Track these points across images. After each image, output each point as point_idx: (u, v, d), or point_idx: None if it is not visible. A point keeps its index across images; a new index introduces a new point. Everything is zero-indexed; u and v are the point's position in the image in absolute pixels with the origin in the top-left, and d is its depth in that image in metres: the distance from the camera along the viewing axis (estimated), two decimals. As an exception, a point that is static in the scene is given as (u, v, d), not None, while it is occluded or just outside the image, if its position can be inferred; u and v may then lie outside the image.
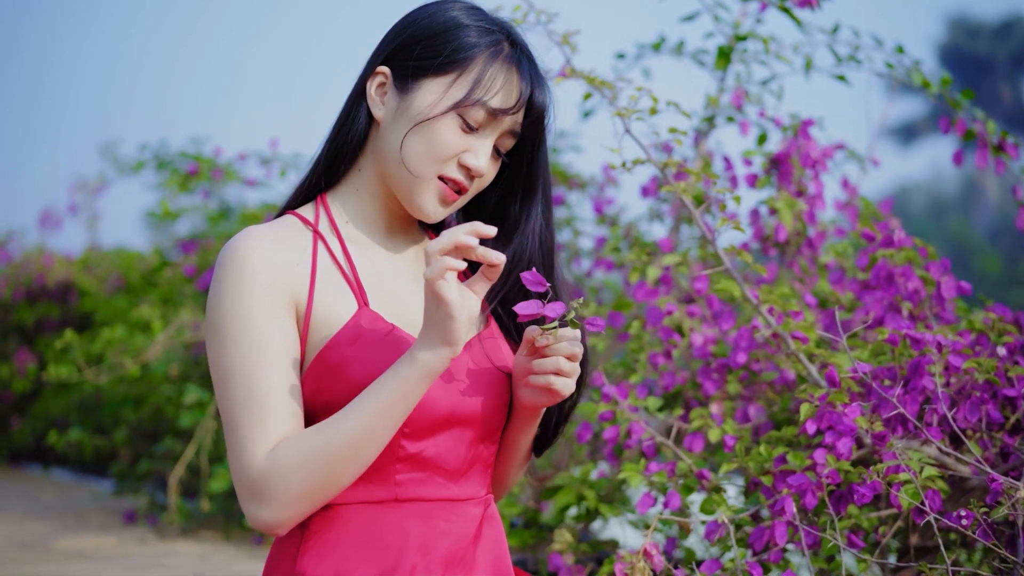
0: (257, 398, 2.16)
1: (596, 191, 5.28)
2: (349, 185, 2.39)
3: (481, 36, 2.31)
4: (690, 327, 3.50)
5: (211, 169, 6.86)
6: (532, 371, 2.25)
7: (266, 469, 2.13)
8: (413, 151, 2.29)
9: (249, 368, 2.17)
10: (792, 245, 3.71)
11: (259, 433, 2.15)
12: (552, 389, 2.24)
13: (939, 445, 2.80)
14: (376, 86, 2.35)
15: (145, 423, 7.13)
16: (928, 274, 3.23)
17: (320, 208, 2.37)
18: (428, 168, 2.29)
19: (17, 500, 7.30)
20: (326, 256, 2.30)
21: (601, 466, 3.80)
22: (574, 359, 2.24)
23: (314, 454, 2.13)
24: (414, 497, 2.25)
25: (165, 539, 5.81)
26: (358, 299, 2.26)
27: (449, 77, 2.29)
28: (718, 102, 4.20)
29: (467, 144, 2.30)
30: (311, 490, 2.15)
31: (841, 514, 2.83)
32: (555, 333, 2.21)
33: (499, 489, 2.51)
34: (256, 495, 2.15)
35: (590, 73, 3.21)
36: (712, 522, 2.88)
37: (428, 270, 2.07)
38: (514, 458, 2.46)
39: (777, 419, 3.38)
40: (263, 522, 2.16)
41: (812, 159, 3.70)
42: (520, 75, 2.32)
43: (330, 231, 2.34)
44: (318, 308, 2.23)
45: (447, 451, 2.27)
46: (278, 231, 2.28)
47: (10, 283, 9.12)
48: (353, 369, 2.20)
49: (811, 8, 3.74)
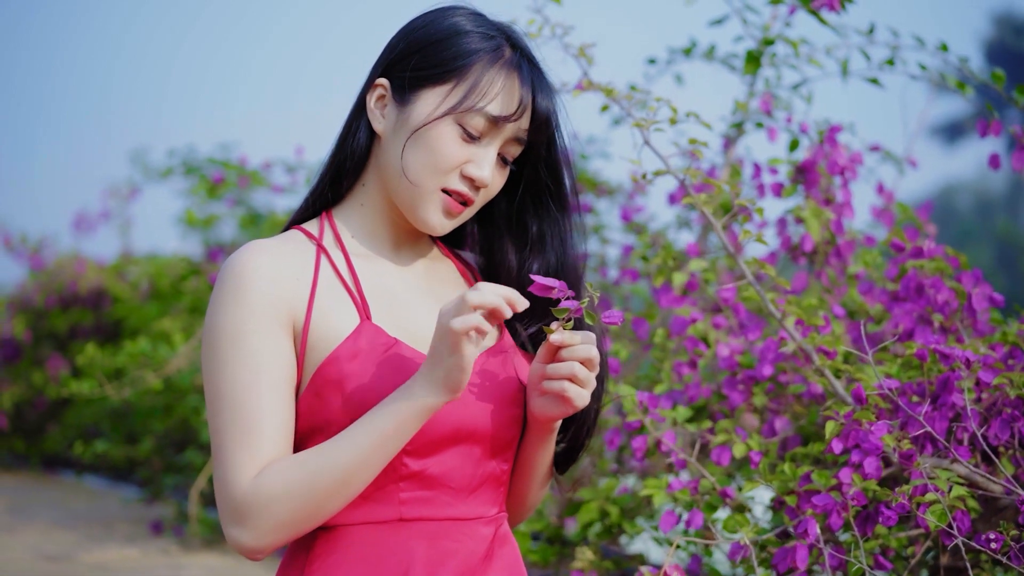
0: (246, 419, 2.11)
1: (624, 199, 5.21)
2: (354, 200, 2.34)
3: (481, 42, 2.25)
4: (715, 338, 3.42)
5: (238, 176, 6.83)
6: (546, 376, 2.17)
7: (250, 494, 2.08)
8: (413, 163, 2.23)
9: (240, 388, 2.12)
10: (820, 255, 3.63)
11: (246, 456, 2.10)
12: (566, 397, 2.16)
13: (966, 464, 2.71)
14: (376, 99, 2.29)
15: (172, 432, 7.12)
16: (959, 285, 3.14)
17: (325, 223, 2.32)
18: (430, 180, 2.23)
19: (47, 508, 7.32)
20: (329, 269, 2.25)
21: (625, 481, 3.73)
22: (590, 365, 2.16)
23: (300, 486, 2.08)
24: (419, 517, 2.19)
25: (188, 551, 5.80)
26: (360, 312, 2.21)
27: (447, 86, 2.23)
28: (747, 107, 4.13)
29: (469, 154, 2.24)
30: (295, 519, 2.10)
31: (868, 535, 2.76)
32: (568, 327, 2.14)
33: (520, 509, 2.44)
34: (238, 519, 2.10)
35: (607, 85, 3.14)
36: (735, 543, 2.81)
37: (457, 320, 2.02)
38: (532, 476, 2.38)
39: (805, 432, 3.30)
40: (243, 546, 2.11)
41: (840, 166, 3.61)
42: (520, 80, 2.25)
43: (334, 245, 2.29)
44: (317, 322, 2.18)
45: (453, 469, 2.20)
46: (280, 245, 2.23)
47: (43, 290, 9.16)
48: (352, 386, 2.14)
49: (835, 12, 3.64)
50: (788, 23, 4.04)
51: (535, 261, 2.38)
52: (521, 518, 2.47)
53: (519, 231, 2.41)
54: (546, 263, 2.38)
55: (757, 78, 4.18)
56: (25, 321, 9.27)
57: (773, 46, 4.06)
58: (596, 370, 2.18)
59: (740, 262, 2.98)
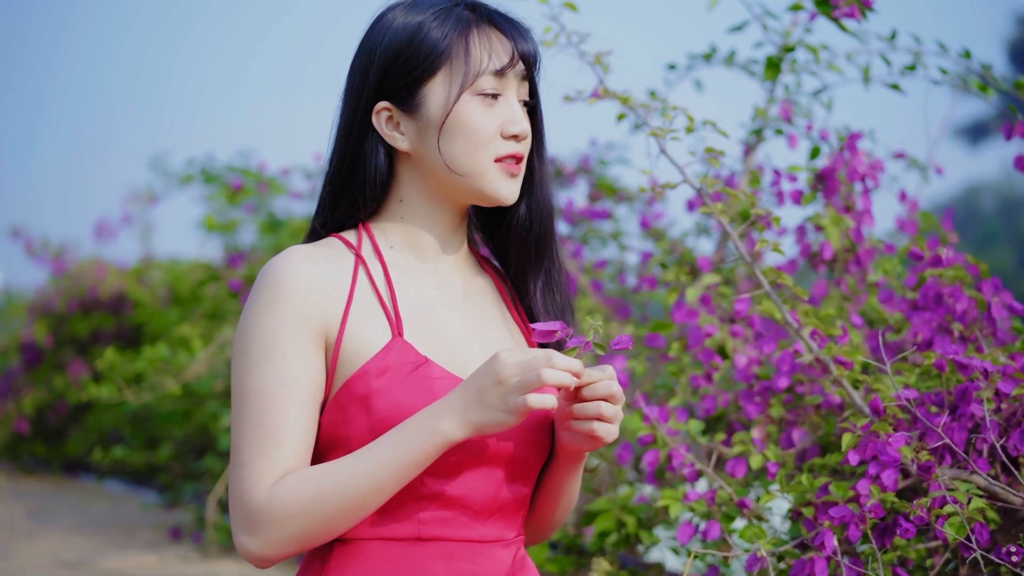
0: (269, 427, 2.10)
1: (643, 204, 5.19)
2: (392, 214, 2.30)
3: (441, 23, 2.23)
4: (733, 347, 3.40)
5: (257, 183, 6.84)
6: (573, 417, 2.14)
7: (265, 505, 2.07)
8: (455, 152, 2.22)
9: (267, 395, 2.11)
10: (840, 262, 3.60)
11: (264, 465, 2.09)
12: (596, 436, 2.14)
13: (985, 476, 2.69)
14: (385, 121, 2.26)
15: (191, 438, 7.13)
16: (979, 294, 3.11)
17: (363, 233, 2.28)
18: (479, 159, 2.22)
19: (67, 514, 7.33)
20: (365, 281, 2.22)
21: (642, 490, 3.71)
22: (613, 400, 2.13)
23: (314, 503, 2.07)
24: (437, 536, 2.16)
25: (207, 558, 5.79)
26: (393, 328, 2.18)
27: (442, 73, 2.22)
28: (767, 114, 4.10)
29: (499, 116, 2.23)
30: (306, 534, 2.09)
31: (886, 547, 2.73)
32: (582, 357, 2.11)
33: (542, 530, 2.41)
34: (249, 528, 2.09)
35: (624, 93, 3.12)
36: (752, 555, 2.78)
37: (534, 398, 2.01)
38: (558, 501, 2.36)
39: (824, 443, 3.27)
40: (251, 554, 2.11)
41: (859, 173, 3.58)
42: (495, 28, 2.26)
43: (373, 255, 2.26)
44: (349, 336, 2.16)
45: (474, 490, 2.18)
46: (319, 253, 2.21)
47: (64, 294, 9.19)
48: (378, 403, 2.12)
49: (856, 20, 3.61)
50: (808, 29, 4.01)
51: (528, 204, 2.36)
52: (543, 537, 2.44)
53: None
54: (535, 209, 2.36)
55: (777, 84, 4.15)
56: (46, 326, 9.30)
57: (793, 52, 4.03)
58: (621, 402, 2.15)
59: (757, 271, 2.95)
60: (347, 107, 2.29)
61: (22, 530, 6.73)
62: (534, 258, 2.37)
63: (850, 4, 3.58)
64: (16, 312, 10.32)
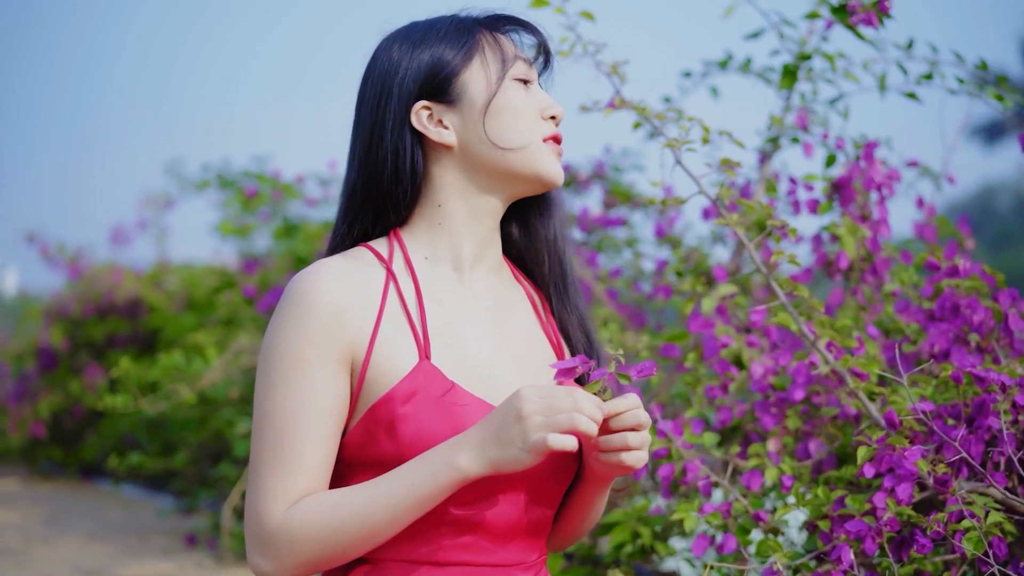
0: (288, 448, 2.07)
1: (658, 212, 5.17)
2: (428, 220, 2.26)
3: (463, 20, 2.29)
4: (749, 357, 3.38)
5: (272, 189, 6.84)
6: (601, 448, 2.11)
7: (279, 528, 2.06)
8: (505, 130, 2.22)
9: (288, 415, 2.08)
10: (856, 272, 3.58)
11: (280, 487, 2.07)
12: (624, 466, 2.10)
13: (1002, 490, 2.67)
14: (426, 119, 2.23)
15: (207, 445, 7.13)
16: (996, 304, 3.09)
17: (395, 244, 2.25)
18: (529, 134, 2.23)
19: (84, 519, 7.34)
20: (395, 300, 2.17)
21: (657, 501, 3.70)
22: (640, 428, 2.10)
23: (329, 530, 2.05)
24: (457, 561, 2.13)
25: (223, 565, 5.79)
26: (420, 351, 2.14)
27: (476, 61, 2.23)
28: (783, 122, 4.09)
29: (536, 100, 2.26)
30: (319, 559, 2.07)
31: (903, 560, 2.71)
32: (607, 396, 2.08)
33: (566, 541, 2.39)
34: (263, 549, 2.08)
35: (640, 103, 3.11)
36: (768, 568, 2.77)
37: (555, 439, 1.97)
38: (585, 517, 2.34)
39: (840, 453, 3.25)
40: (264, 574, 2.09)
41: (876, 182, 3.56)
42: (514, 23, 2.31)
43: (404, 269, 2.21)
44: (377, 358, 2.11)
45: (496, 515, 2.14)
46: (349, 268, 2.16)
47: (80, 299, 9.21)
48: (404, 430, 2.08)
49: (873, 28, 3.60)
50: (825, 37, 4.00)
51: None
52: (566, 547, 2.43)
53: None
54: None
55: (793, 92, 4.14)
56: (62, 330, 9.32)
57: (810, 60, 4.02)
58: (647, 427, 2.11)
59: (773, 283, 2.94)
60: (372, 113, 2.25)
61: (39, 536, 6.73)
62: (557, 272, 2.37)
63: (867, 11, 3.57)
64: (32, 316, 10.33)
